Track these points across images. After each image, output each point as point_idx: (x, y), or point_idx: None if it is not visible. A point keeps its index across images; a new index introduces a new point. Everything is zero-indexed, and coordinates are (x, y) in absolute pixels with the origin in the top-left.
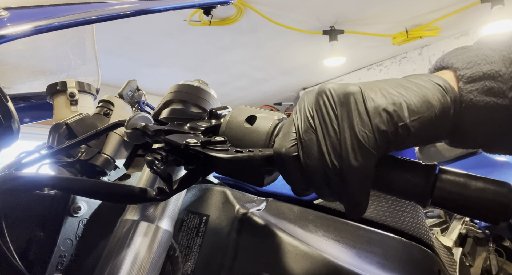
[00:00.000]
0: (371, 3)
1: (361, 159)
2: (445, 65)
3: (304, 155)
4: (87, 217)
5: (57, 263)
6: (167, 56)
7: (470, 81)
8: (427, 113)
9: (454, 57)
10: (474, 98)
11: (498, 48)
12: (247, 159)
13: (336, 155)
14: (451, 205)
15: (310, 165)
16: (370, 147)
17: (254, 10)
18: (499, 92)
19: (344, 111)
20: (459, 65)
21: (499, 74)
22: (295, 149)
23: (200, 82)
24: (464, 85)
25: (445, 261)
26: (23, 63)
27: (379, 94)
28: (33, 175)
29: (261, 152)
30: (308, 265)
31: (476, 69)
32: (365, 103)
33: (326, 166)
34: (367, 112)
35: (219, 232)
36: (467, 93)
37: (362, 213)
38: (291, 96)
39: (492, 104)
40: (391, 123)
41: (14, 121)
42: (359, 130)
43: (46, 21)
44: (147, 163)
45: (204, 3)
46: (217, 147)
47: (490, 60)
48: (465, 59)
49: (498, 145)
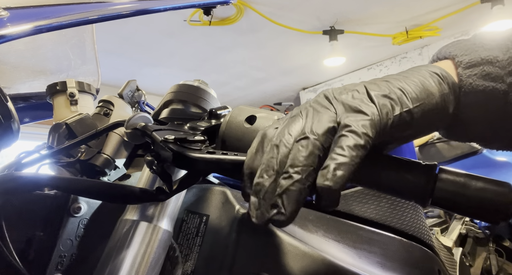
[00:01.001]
0: (371, 3)
1: (366, 129)
2: (443, 55)
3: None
4: (87, 217)
5: (57, 263)
6: (167, 56)
7: (468, 66)
8: (427, 100)
9: (451, 47)
10: (473, 82)
11: (494, 38)
12: (215, 161)
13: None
14: (451, 205)
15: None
16: (376, 122)
17: (254, 10)
18: (497, 77)
19: (346, 97)
20: (457, 53)
21: (497, 60)
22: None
23: (200, 82)
24: (463, 70)
25: (445, 261)
26: (23, 63)
27: (382, 85)
28: (33, 175)
29: (236, 155)
30: (308, 265)
31: (474, 55)
32: (368, 92)
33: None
34: (371, 99)
35: (219, 232)
36: (466, 77)
37: (335, 204)
38: (291, 96)
39: (490, 88)
40: (396, 107)
41: (14, 121)
42: (365, 108)
43: (46, 21)
44: (147, 163)
45: (204, 3)
46: (191, 145)
47: (488, 47)
48: (463, 47)
49: (495, 136)
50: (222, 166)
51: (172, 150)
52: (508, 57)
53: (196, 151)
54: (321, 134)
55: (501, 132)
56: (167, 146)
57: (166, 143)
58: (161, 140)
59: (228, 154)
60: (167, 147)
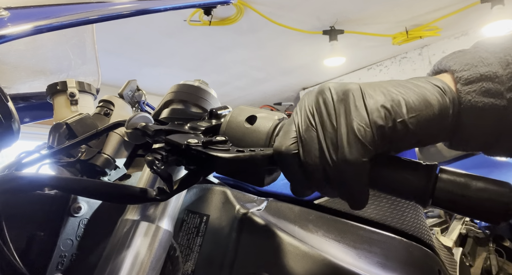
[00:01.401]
0: (371, 3)
1: (356, 153)
2: (442, 68)
3: (305, 153)
4: (87, 217)
5: (57, 263)
6: (167, 56)
7: (468, 83)
8: (425, 111)
9: (451, 60)
10: (472, 99)
11: (494, 51)
12: (249, 158)
13: (335, 150)
14: (451, 205)
15: (310, 162)
16: (367, 142)
17: (254, 10)
18: (497, 93)
19: (342, 106)
20: (456, 68)
21: (496, 76)
22: (295, 146)
23: (200, 82)
24: (462, 87)
25: (445, 261)
26: (23, 63)
27: (378, 91)
28: (33, 175)
29: (263, 151)
30: (308, 265)
31: (473, 71)
32: (364, 98)
33: (326, 162)
34: (365, 107)
35: (219, 232)
36: (465, 94)
37: (363, 206)
38: (291, 96)
39: (490, 105)
40: (389, 118)
41: (14, 121)
42: (356, 125)
43: (46, 21)
44: (147, 163)
45: (204, 3)
46: (218, 146)
47: (487, 62)
48: (462, 62)
49: (497, 146)
50: (256, 161)
51: (206, 154)
52: (508, 73)
53: (227, 152)
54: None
55: (502, 143)
56: (196, 150)
57: (195, 148)
58: (185, 144)
59: (256, 151)
60: (197, 151)
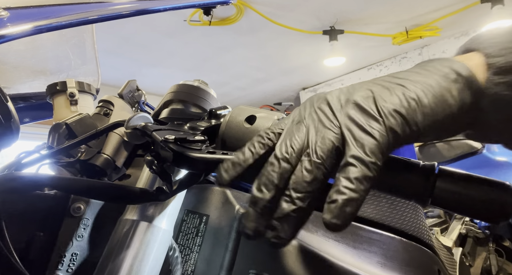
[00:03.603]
0: (371, 3)
1: (374, 158)
2: (475, 47)
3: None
4: (87, 217)
5: (57, 263)
6: (167, 56)
7: (500, 72)
8: (442, 113)
9: (486, 41)
10: (501, 91)
11: None
12: (215, 161)
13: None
14: (451, 205)
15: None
16: (383, 146)
17: (254, 10)
18: None
19: (353, 111)
20: (491, 51)
21: None
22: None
23: (200, 82)
24: (493, 76)
25: (445, 261)
26: (23, 63)
27: (395, 93)
28: (33, 175)
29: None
30: (308, 265)
31: (510, 58)
32: (376, 103)
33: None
34: (379, 113)
35: (219, 232)
36: (494, 85)
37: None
38: (291, 96)
39: None
40: (405, 125)
41: (14, 121)
42: (371, 130)
43: (46, 21)
44: (147, 163)
45: (204, 3)
46: (192, 145)
47: None
48: (498, 45)
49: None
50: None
51: (173, 150)
52: None
53: (196, 151)
54: (326, 157)
55: None
56: (167, 146)
57: (166, 143)
58: (161, 140)
59: (229, 154)
60: (168, 147)
